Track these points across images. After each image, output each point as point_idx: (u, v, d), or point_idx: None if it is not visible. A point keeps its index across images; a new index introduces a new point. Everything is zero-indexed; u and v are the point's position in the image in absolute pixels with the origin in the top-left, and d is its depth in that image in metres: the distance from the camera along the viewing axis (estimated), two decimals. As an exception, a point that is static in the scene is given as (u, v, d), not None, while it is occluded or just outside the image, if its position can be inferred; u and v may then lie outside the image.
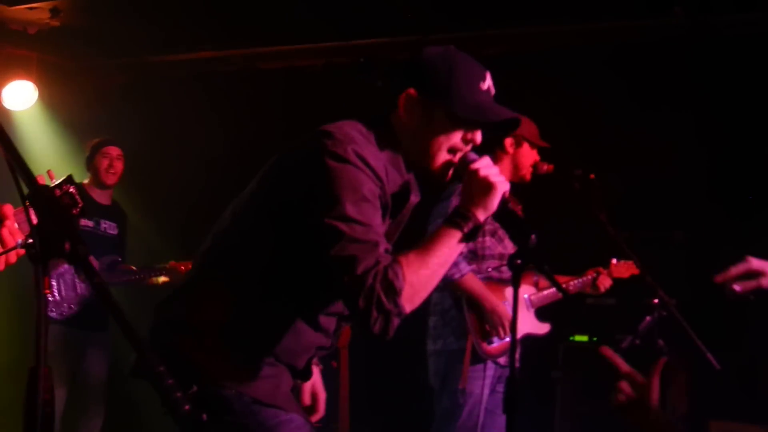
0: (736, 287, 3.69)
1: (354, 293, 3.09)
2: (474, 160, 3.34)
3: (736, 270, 3.69)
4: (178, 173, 9.13)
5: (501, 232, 6.03)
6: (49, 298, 7.00)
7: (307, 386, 3.93)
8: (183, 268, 7.53)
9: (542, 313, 6.32)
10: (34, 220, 2.34)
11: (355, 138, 3.24)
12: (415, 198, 3.58)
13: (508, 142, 6.17)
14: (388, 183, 3.32)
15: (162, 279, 7.58)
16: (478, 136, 3.39)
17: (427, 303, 6.13)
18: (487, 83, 3.40)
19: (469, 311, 5.94)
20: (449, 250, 3.24)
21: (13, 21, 8.59)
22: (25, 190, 2.37)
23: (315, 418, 3.92)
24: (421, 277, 3.16)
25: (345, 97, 8.04)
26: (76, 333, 7.32)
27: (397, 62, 3.28)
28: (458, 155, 3.39)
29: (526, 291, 6.23)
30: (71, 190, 3.63)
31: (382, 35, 8.13)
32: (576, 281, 6.43)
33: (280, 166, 3.40)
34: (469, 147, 3.40)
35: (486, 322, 5.91)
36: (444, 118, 3.34)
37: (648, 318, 6.10)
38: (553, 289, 6.17)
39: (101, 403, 7.66)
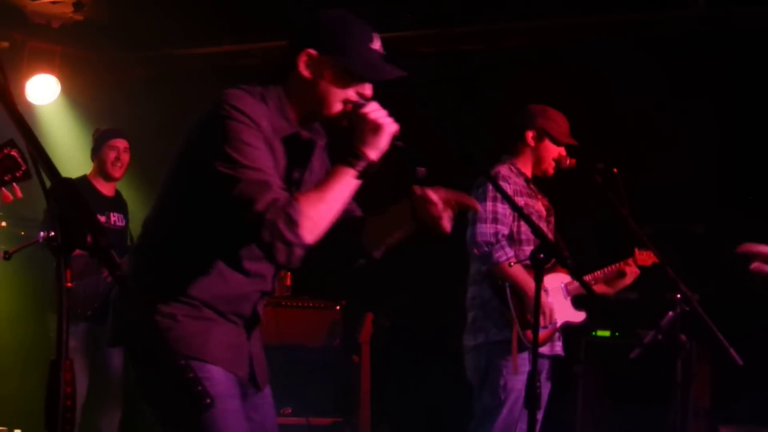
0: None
1: (257, 229, 3.36)
2: (363, 105, 3.63)
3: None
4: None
5: (534, 217, 6.01)
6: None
7: None
8: None
9: (578, 300, 6.30)
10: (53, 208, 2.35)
11: (238, 96, 3.53)
12: (321, 141, 3.90)
13: (530, 135, 6.17)
14: (274, 132, 3.60)
15: None
16: (368, 90, 3.68)
17: (464, 299, 6.15)
18: (377, 43, 3.71)
19: (513, 298, 5.90)
20: (344, 186, 3.52)
21: (37, 15, 8.64)
22: (48, 183, 2.37)
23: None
24: (318, 211, 3.44)
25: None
26: (94, 328, 7.31)
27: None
28: (350, 106, 3.67)
29: (562, 279, 6.20)
30: (12, 153, 3.70)
31: (405, 29, 8.11)
32: (601, 274, 6.40)
33: (187, 133, 3.68)
34: (360, 99, 3.68)
35: (527, 311, 5.88)
36: (339, 73, 3.64)
37: (670, 313, 6.07)
38: (589, 276, 6.19)
39: (119, 396, 7.66)
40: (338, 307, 8.00)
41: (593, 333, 7.53)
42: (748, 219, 7.19)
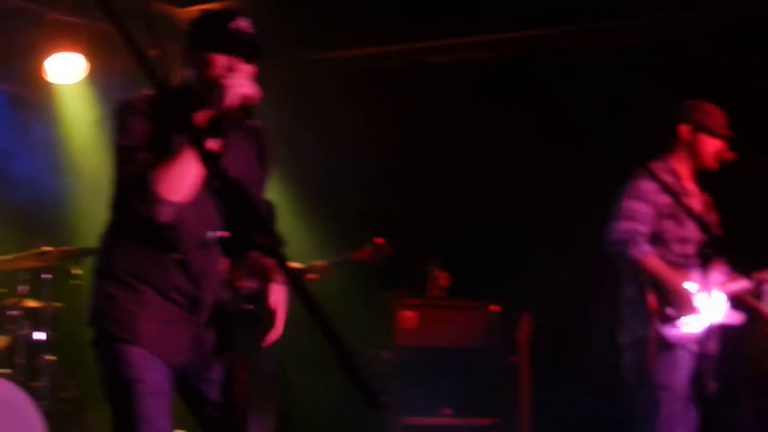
0: None
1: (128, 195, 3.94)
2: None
3: None
4: (345, 174, 9.18)
5: (682, 216, 5.90)
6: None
7: (270, 302, 4.22)
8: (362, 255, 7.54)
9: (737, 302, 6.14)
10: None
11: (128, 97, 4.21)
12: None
13: (685, 129, 6.05)
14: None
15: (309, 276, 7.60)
16: (235, 63, 4.15)
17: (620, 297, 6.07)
18: (237, 23, 4.19)
19: (650, 293, 5.80)
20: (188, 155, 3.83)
21: (186, 22, 8.76)
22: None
23: (271, 336, 4.20)
24: (169, 173, 3.83)
25: (515, 89, 8.01)
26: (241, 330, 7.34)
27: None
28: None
29: (718, 279, 6.05)
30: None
31: (551, 25, 8.02)
32: None
33: None
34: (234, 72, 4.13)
35: (668, 304, 5.78)
36: (205, 55, 4.11)
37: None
38: (745, 280, 6.02)
39: (273, 399, 7.71)
40: (495, 308, 7.96)
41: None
42: None
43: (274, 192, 8.17)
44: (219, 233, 2.54)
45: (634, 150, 6.15)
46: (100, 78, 8.65)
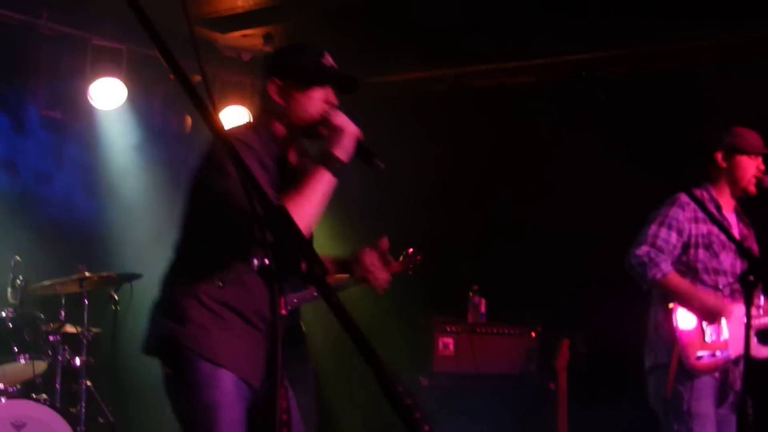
0: None
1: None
2: (331, 114, 4.25)
3: None
4: (385, 197, 9.18)
5: (716, 246, 5.85)
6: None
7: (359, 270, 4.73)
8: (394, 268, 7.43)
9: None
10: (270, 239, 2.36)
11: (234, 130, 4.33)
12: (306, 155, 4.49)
13: (719, 156, 6.01)
14: (267, 150, 4.22)
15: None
16: (332, 96, 4.31)
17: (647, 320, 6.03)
18: (328, 59, 4.35)
19: (678, 321, 5.75)
20: (317, 182, 4.07)
21: (228, 48, 8.83)
22: (260, 211, 2.39)
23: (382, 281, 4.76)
24: (298, 206, 3.97)
25: (557, 113, 7.98)
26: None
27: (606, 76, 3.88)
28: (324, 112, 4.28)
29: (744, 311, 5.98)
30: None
31: (593, 50, 8.03)
32: None
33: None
34: (329, 107, 4.29)
35: (699, 331, 5.73)
36: (304, 90, 4.28)
37: None
38: None
39: (315, 404, 7.68)
40: (534, 334, 7.94)
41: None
42: None
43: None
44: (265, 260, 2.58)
45: (675, 174, 6.12)
46: (139, 103, 8.74)
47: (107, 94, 8.40)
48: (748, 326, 3.51)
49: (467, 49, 8.29)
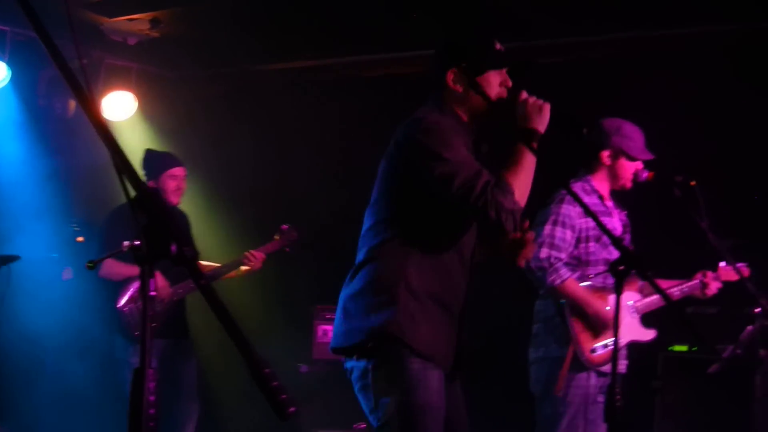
0: None
1: (482, 209, 4.12)
2: (518, 94, 4.44)
3: None
4: (277, 180, 9.19)
5: (605, 239, 5.96)
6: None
7: None
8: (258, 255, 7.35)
9: (647, 319, 6.22)
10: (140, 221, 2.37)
11: (429, 115, 4.41)
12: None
13: (605, 154, 6.12)
14: (462, 136, 4.39)
15: (244, 268, 7.38)
16: (507, 79, 4.48)
17: (531, 311, 6.13)
18: (498, 45, 4.50)
19: (572, 317, 5.88)
20: (529, 159, 4.27)
21: (114, 32, 8.70)
22: (132, 193, 2.40)
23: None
24: (520, 180, 4.22)
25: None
26: (164, 344, 7.27)
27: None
28: (503, 94, 4.47)
29: (630, 297, 6.12)
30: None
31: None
32: (683, 286, 6.30)
33: (387, 157, 4.48)
34: (506, 90, 4.47)
35: (587, 326, 5.85)
36: (481, 75, 4.42)
37: (750, 327, 6.00)
38: (657, 296, 6.04)
39: (196, 400, 7.67)
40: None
41: (670, 348, 7.43)
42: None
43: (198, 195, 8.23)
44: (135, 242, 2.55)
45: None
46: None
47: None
48: (616, 316, 3.60)
49: (357, 38, 8.31)
